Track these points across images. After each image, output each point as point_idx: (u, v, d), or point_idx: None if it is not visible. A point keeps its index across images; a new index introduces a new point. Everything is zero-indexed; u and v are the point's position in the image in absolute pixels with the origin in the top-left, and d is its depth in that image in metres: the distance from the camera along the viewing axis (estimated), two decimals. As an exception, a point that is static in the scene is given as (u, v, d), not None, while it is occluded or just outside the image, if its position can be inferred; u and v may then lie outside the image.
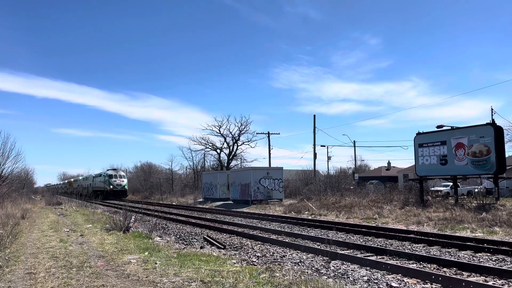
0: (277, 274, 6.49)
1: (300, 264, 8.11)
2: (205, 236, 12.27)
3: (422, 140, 21.73)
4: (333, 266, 7.85)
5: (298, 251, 9.56)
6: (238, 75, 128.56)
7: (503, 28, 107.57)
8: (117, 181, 50.96)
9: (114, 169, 54.84)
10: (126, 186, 52.28)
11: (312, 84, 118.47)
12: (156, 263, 7.37)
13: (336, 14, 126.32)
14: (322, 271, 7.43)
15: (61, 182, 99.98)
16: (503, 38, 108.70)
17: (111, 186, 49.86)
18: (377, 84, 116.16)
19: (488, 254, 8.95)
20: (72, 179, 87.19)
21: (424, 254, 8.62)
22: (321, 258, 8.63)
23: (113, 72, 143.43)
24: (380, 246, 10.18)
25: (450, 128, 21.80)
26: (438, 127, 22.75)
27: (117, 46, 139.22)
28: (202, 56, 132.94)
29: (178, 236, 12.94)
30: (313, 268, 7.64)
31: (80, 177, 76.30)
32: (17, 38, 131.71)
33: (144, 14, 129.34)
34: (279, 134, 59.83)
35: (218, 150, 54.94)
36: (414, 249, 9.80)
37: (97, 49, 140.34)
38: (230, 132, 52.83)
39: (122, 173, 54.60)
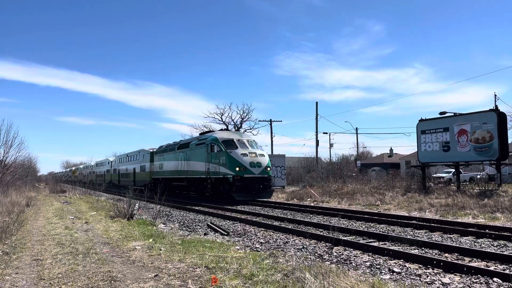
0: (281, 260, 6.56)
1: (303, 250, 8.19)
2: (209, 223, 12.37)
3: (425, 127, 21.69)
4: (335, 252, 7.93)
5: (301, 237, 9.64)
6: (240, 63, 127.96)
7: (507, 14, 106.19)
8: (251, 156, 20.68)
9: (225, 130, 26.12)
10: (269, 168, 21.50)
11: (314, 71, 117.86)
12: (161, 250, 7.46)
13: (339, 1, 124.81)
14: (325, 257, 7.51)
15: (65, 170, 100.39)
16: (507, 24, 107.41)
17: (238, 168, 19.97)
18: (380, 71, 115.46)
19: (490, 240, 9.00)
20: (93, 163, 62.62)
21: (426, 240, 8.68)
22: (324, 244, 8.70)
23: (115, 60, 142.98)
24: (382, 232, 10.25)
25: (453, 114, 21.73)
26: (441, 113, 22.67)
27: (118, 34, 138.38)
28: (204, 44, 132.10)
29: (182, 223, 13.05)
30: (316, 254, 7.72)
31: (110, 158, 51.44)
32: (18, 26, 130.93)
33: (147, 4, 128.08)
34: (281, 121, 59.76)
35: (221, 138, 54.62)
36: (416, 235, 9.87)
37: (99, 37, 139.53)
38: (232, 120, 52.72)
39: (254, 140, 23.18)
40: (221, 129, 25.13)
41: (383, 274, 6.16)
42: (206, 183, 22.08)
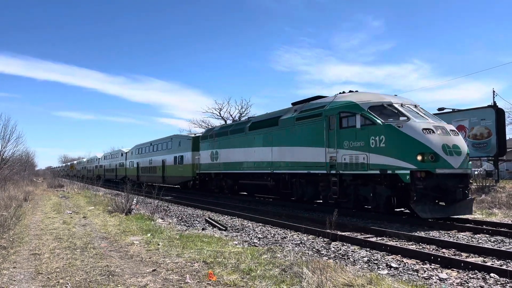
0: (278, 255, 6.58)
1: (301, 245, 8.20)
2: (207, 218, 12.38)
3: (423, 123, 21.63)
4: (333, 247, 7.95)
5: (299, 233, 9.66)
6: (239, 58, 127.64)
7: (506, 10, 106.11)
8: (439, 134, 10.68)
9: (355, 91, 13.44)
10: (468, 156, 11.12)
11: (313, 66, 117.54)
12: (158, 244, 7.47)
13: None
14: (322, 252, 7.53)
15: (64, 165, 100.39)
16: (507, 20, 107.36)
17: (421, 157, 10.36)
18: (379, 66, 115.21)
19: (487, 236, 9.04)
20: (100, 156, 53.86)
21: (424, 236, 8.71)
22: (322, 240, 8.72)
23: (114, 55, 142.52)
24: (380, 228, 10.27)
25: (451, 110, 21.72)
26: (439, 109, 22.63)
27: (117, 28, 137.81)
28: (203, 39, 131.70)
29: (180, 218, 13.06)
30: (313, 249, 7.74)
31: (124, 149, 41.52)
32: (17, 21, 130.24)
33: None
34: (280, 116, 59.34)
35: (220, 133, 54.23)
36: (413, 230, 9.89)
37: (98, 31, 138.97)
38: (231, 115, 52.62)
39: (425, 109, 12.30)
40: (350, 91, 13.54)
41: (380, 269, 6.18)
42: (327, 183, 13.26)
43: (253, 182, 18.06)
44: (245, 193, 20.80)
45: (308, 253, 7.14)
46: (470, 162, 11.77)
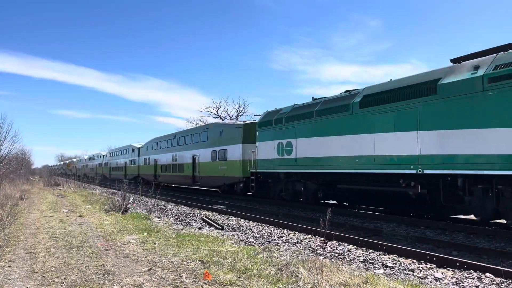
0: (275, 254, 6.58)
1: (297, 244, 8.21)
2: (203, 217, 12.37)
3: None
4: (329, 246, 7.95)
5: (295, 232, 9.66)
6: (237, 57, 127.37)
7: (505, 10, 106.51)
8: None
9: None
10: None
11: (311, 66, 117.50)
12: (155, 243, 7.46)
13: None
14: (319, 251, 7.53)
15: (62, 163, 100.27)
16: (505, 20, 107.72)
17: None
18: (377, 66, 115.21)
19: (483, 235, 9.06)
20: (104, 152, 49.66)
21: (420, 235, 8.73)
22: (318, 239, 8.73)
23: (111, 53, 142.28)
24: (377, 227, 10.29)
25: None
26: None
27: (114, 27, 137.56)
28: (200, 38, 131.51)
29: (176, 217, 13.04)
30: (310, 249, 7.74)
31: (136, 144, 36.97)
32: (13, 18, 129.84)
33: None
34: (278, 115, 59.25)
35: (218, 132, 53.97)
36: (410, 230, 9.92)
37: (95, 30, 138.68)
38: (228, 114, 52.60)
39: None
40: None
41: (376, 268, 6.19)
42: None
43: (368, 188, 11.78)
44: (333, 201, 15.08)
45: (304, 253, 7.15)
46: None
